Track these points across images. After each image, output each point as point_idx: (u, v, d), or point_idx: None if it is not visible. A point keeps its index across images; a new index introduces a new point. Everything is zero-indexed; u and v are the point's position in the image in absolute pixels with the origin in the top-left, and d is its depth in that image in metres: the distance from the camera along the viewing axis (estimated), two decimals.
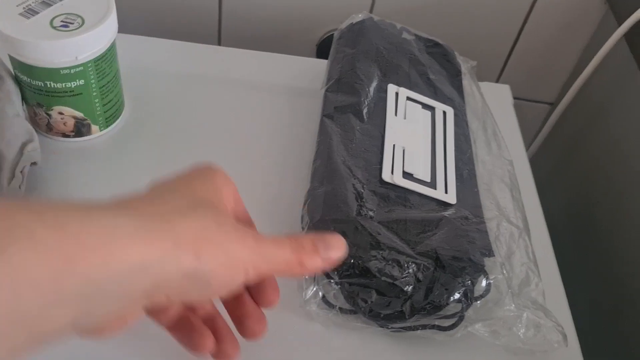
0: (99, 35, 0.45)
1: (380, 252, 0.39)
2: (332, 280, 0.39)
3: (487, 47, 0.73)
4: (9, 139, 0.43)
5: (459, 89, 0.56)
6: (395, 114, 0.49)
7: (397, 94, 0.51)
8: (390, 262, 0.38)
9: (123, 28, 0.55)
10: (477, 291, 0.40)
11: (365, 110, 0.48)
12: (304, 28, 0.73)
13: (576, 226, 0.68)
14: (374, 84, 0.51)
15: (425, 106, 0.51)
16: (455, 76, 0.56)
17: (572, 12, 0.68)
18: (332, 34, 0.74)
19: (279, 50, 0.64)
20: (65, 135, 0.50)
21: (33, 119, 0.49)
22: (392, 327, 0.40)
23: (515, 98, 0.78)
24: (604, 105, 0.66)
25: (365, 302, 0.39)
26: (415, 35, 0.58)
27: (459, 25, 0.71)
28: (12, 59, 0.45)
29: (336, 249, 0.30)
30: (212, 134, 0.53)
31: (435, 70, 0.55)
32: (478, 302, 0.40)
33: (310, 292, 0.40)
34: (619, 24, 0.59)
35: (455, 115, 0.52)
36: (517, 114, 0.73)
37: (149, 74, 0.57)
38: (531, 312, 0.39)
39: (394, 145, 0.47)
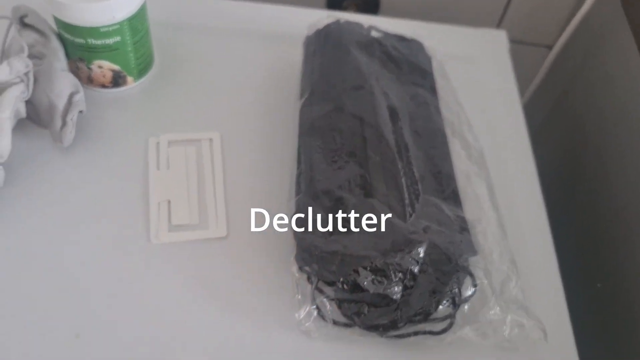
0: None
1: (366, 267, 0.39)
2: (325, 299, 0.41)
3: None
4: (59, 91, 0.50)
5: (432, 83, 0.56)
6: (158, 167, 0.51)
7: (157, 144, 0.53)
8: (377, 275, 0.39)
9: None
10: (463, 293, 0.41)
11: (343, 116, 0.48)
12: None
13: (569, 168, 0.73)
14: (349, 88, 0.51)
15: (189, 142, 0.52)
16: (426, 71, 0.57)
17: None
18: None
19: (290, 2, 0.69)
20: (104, 86, 0.56)
21: (75, 73, 0.55)
22: (387, 336, 0.41)
23: (515, 42, 0.83)
24: (597, 48, 0.70)
25: (359, 315, 0.40)
26: (385, 33, 0.58)
27: None
28: (56, 19, 0.51)
29: None
30: (232, 85, 0.59)
31: (406, 68, 0.56)
32: (465, 305, 0.41)
33: (303, 312, 0.41)
34: None
35: (432, 110, 0.53)
36: (518, 58, 0.77)
37: (174, 30, 0.63)
38: (514, 313, 0.42)
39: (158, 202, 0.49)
